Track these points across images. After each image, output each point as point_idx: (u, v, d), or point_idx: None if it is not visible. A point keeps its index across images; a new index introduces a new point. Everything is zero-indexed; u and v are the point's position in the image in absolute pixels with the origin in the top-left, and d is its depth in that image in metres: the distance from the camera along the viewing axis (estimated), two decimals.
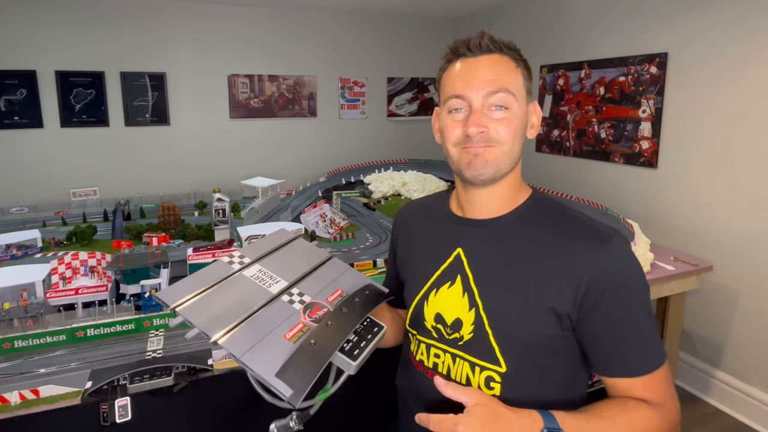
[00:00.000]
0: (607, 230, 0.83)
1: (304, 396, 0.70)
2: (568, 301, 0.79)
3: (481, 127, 0.81)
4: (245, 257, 0.89)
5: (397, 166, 3.96)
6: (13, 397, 1.23)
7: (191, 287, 0.80)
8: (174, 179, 3.88)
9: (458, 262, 0.88)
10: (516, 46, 0.87)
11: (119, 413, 1.27)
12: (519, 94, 0.83)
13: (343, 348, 0.79)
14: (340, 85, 4.41)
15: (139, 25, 3.66)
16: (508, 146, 0.83)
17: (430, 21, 4.61)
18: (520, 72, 0.85)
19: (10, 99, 3.39)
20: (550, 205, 0.89)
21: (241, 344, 0.72)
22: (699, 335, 2.73)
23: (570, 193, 3.31)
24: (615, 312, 0.79)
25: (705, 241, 2.62)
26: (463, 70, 0.83)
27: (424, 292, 0.92)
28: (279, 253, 0.93)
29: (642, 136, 2.89)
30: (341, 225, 2.82)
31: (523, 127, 0.85)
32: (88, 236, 2.58)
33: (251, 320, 0.76)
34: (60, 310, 1.61)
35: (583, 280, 0.78)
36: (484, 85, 0.81)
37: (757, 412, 2.45)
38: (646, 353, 0.80)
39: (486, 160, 0.82)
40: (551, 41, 3.56)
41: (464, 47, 0.84)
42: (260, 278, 0.85)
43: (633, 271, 0.81)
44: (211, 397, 1.41)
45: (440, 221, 0.96)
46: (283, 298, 0.83)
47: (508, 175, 0.86)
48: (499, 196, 0.88)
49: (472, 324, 0.85)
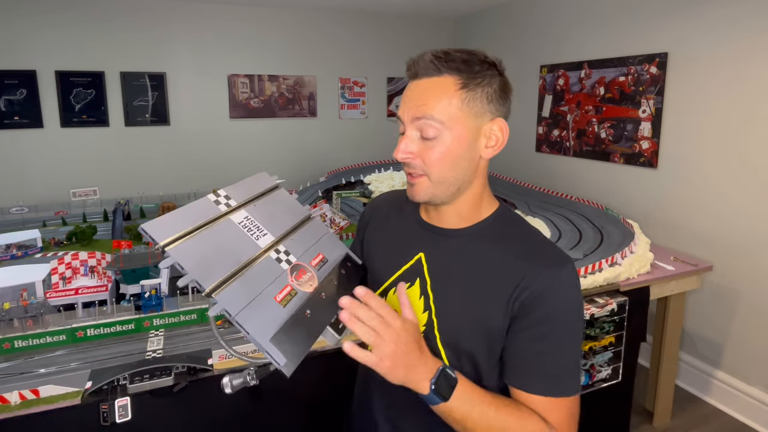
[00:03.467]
0: (559, 256, 0.84)
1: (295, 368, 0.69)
2: (504, 320, 0.81)
3: (406, 153, 0.82)
4: (231, 199, 0.87)
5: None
6: (13, 397, 1.23)
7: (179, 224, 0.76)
8: (174, 179, 3.88)
9: (419, 266, 0.90)
10: (482, 59, 0.81)
11: (119, 413, 1.27)
12: (453, 119, 0.79)
13: (330, 321, 0.80)
14: (340, 85, 4.41)
15: (139, 25, 3.66)
16: (437, 175, 0.82)
17: (431, 21, 4.61)
18: (462, 95, 0.79)
19: (10, 99, 3.39)
20: (511, 223, 0.90)
21: (236, 302, 0.70)
22: (699, 335, 2.73)
23: (570, 193, 3.31)
24: (538, 332, 0.79)
25: (705, 241, 2.62)
26: (406, 92, 0.84)
27: (383, 288, 0.95)
28: (263, 202, 0.92)
29: (642, 136, 2.89)
30: (341, 225, 2.82)
31: (462, 152, 0.81)
32: (88, 236, 2.58)
33: (243, 276, 0.75)
34: (60, 310, 1.61)
35: (518, 299, 0.79)
36: (411, 111, 0.81)
37: (757, 412, 2.45)
38: (556, 377, 0.80)
39: (417, 192, 0.84)
40: (551, 41, 3.56)
41: (411, 68, 0.83)
42: (248, 227, 0.84)
43: (572, 301, 0.82)
44: (211, 397, 1.41)
45: (408, 223, 0.97)
46: (272, 255, 0.82)
47: (463, 193, 0.86)
48: (458, 210, 0.88)
49: (423, 326, 0.87)
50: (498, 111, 0.83)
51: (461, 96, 0.79)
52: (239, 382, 0.79)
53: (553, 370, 0.80)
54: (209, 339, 1.56)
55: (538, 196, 3.29)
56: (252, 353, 1.45)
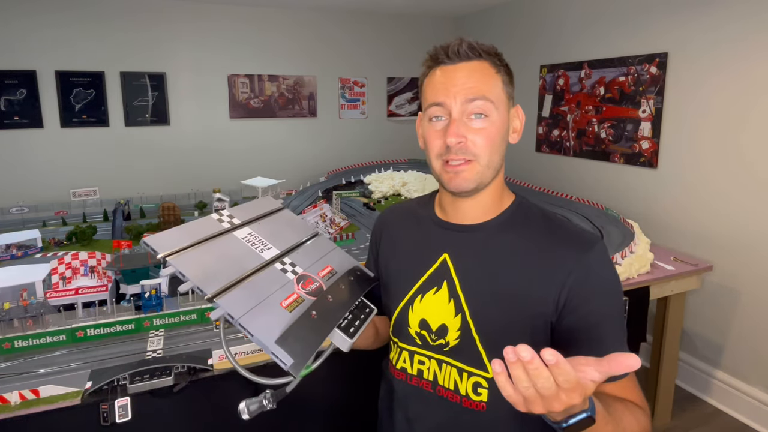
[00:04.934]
0: (589, 236, 0.84)
1: (303, 367, 0.68)
2: (550, 305, 0.80)
3: (459, 137, 0.80)
4: (234, 218, 0.87)
5: (397, 166, 3.97)
6: (13, 397, 1.23)
7: (181, 238, 0.76)
8: (174, 179, 3.88)
9: (444, 268, 0.88)
10: (497, 50, 0.85)
11: (119, 413, 1.27)
12: (498, 100, 0.82)
13: (340, 324, 0.78)
14: (340, 85, 4.41)
15: (139, 25, 3.66)
16: (486, 159, 0.82)
17: (431, 21, 4.61)
18: (500, 78, 0.83)
19: (10, 99, 3.39)
20: (533, 210, 0.90)
21: (239, 306, 0.69)
22: (699, 335, 2.73)
23: (570, 193, 3.31)
24: (593, 317, 0.79)
25: (705, 241, 2.62)
26: (442, 78, 0.83)
27: (408, 297, 0.91)
28: (268, 221, 0.92)
29: (642, 136, 2.89)
30: (341, 225, 2.82)
31: (504, 134, 0.84)
32: (88, 236, 2.58)
33: (247, 282, 0.74)
34: (60, 310, 1.61)
35: (566, 285, 0.79)
36: (462, 93, 0.80)
37: (756, 412, 2.45)
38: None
39: (466, 179, 0.82)
40: (551, 41, 3.56)
41: (443, 54, 0.83)
42: (252, 242, 0.84)
43: (612, 278, 0.83)
44: (211, 397, 1.41)
45: (425, 226, 0.94)
46: (277, 266, 0.81)
47: (494, 180, 0.86)
48: (482, 202, 0.87)
49: (458, 330, 0.85)
50: (513, 100, 0.87)
51: (500, 79, 0.83)
52: (256, 407, 0.78)
53: (619, 348, 0.78)
54: (209, 339, 1.56)
55: (538, 196, 3.29)
56: (255, 351, 1.45)
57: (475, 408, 0.85)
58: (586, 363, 0.55)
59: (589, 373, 0.55)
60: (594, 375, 0.55)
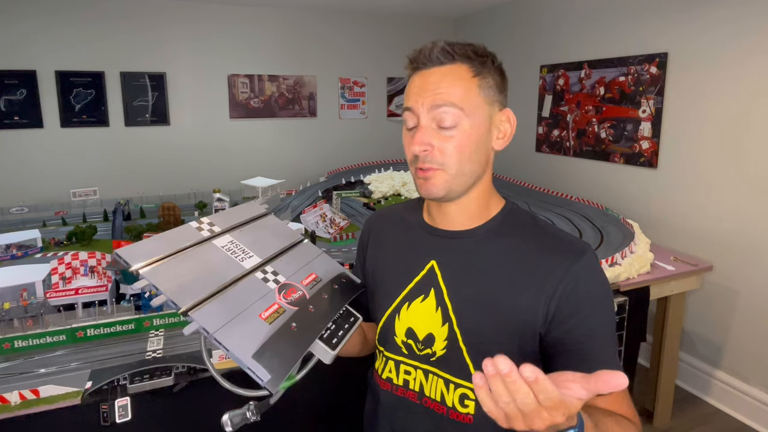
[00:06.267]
0: (579, 244, 0.81)
1: (282, 383, 0.65)
2: (539, 316, 0.78)
3: (424, 145, 0.78)
4: (215, 225, 0.84)
5: (397, 166, 3.97)
6: (13, 397, 1.23)
7: (156, 249, 0.73)
8: (174, 179, 3.88)
9: (432, 275, 0.85)
10: (484, 51, 0.80)
11: (119, 413, 1.27)
12: (472, 106, 0.78)
13: (322, 336, 0.76)
14: (340, 85, 4.41)
15: (139, 25, 3.66)
16: (455, 167, 0.79)
17: (430, 21, 4.61)
18: (477, 82, 0.78)
19: (10, 99, 3.39)
20: (523, 217, 0.87)
21: (214, 319, 0.66)
22: (699, 335, 2.73)
23: (570, 193, 3.31)
24: (583, 329, 0.77)
25: (705, 241, 2.62)
26: (415, 83, 0.80)
27: (395, 305, 0.89)
28: (251, 227, 0.89)
29: (642, 136, 2.89)
30: (341, 225, 2.82)
31: (480, 141, 0.80)
32: (88, 236, 2.58)
33: (224, 295, 0.71)
34: (60, 310, 1.61)
35: (554, 295, 0.77)
36: (429, 100, 0.77)
37: (756, 412, 2.45)
38: (617, 367, 0.78)
39: (435, 185, 0.80)
40: (551, 41, 3.56)
41: (419, 58, 0.80)
42: (232, 250, 0.80)
43: (602, 287, 0.80)
44: (211, 397, 1.41)
45: (413, 231, 0.92)
46: (257, 275, 0.78)
47: (473, 188, 0.83)
48: (467, 208, 0.85)
49: (445, 340, 0.83)
50: (504, 101, 0.83)
51: (477, 83, 0.78)
52: (239, 420, 0.76)
53: (612, 364, 0.77)
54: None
55: (538, 196, 3.29)
56: None
57: (462, 420, 0.83)
58: (573, 379, 0.52)
59: (575, 390, 0.52)
60: (580, 393, 0.52)
